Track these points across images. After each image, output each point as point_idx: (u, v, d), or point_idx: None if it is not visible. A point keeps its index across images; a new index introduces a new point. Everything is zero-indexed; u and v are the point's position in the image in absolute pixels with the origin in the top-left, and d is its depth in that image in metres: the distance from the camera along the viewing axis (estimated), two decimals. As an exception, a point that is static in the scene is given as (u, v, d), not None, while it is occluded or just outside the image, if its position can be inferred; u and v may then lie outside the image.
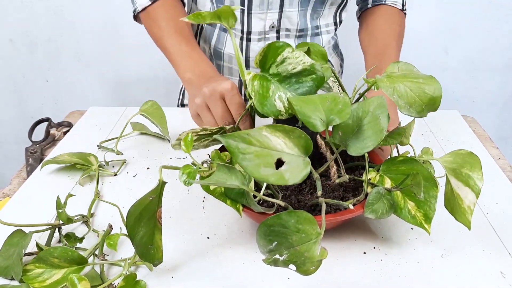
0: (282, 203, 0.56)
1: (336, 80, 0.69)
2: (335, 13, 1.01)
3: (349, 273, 0.59)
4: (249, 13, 0.93)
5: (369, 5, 1.02)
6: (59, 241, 0.64)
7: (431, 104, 0.59)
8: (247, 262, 0.60)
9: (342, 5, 1.01)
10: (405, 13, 1.02)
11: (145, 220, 0.54)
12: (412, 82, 0.59)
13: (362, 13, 1.04)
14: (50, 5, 1.70)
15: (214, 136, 0.63)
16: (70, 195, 0.67)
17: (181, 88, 1.19)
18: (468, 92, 1.85)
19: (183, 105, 1.18)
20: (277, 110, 0.57)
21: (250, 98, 0.60)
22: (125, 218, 0.52)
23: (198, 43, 1.05)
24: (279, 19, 0.95)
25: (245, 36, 0.97)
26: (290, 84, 0.58)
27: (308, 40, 1.00)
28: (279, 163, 0.48)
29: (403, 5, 1.01)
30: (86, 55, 1.81)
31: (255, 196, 0.56)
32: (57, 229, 0.64)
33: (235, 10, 0.59)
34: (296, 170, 0.49)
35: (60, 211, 0.62)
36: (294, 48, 0.58)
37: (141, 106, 0.87)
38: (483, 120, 1.10)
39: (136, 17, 0.98)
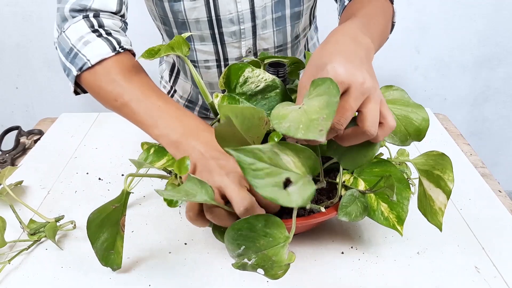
0: None
1: None
2: (310, 13, 0.97)
3: (327, 274, 0.59)
4: (222, 44, 0.89)
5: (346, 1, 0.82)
6: None
7: (416, 135, 0.58)
8: (225, 267, 0.60)
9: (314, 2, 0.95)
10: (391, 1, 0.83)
11: (107, 227, 0.54)
12: (400, 110, 0.58)
13: (344, 9, 0.81)
14: (18, 10, 1.66)
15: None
16: None
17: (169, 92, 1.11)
18: (439, 90, 1.89)
19: None
20: None
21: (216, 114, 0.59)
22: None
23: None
24: (254, 44, 0.90)
25: (222, 63, 0.93)
26: (257, 101, 0.58)
27: (289, 51, 0.97)
28: (287, 182, 0.45)
29: None
30: (57, 60, 1.76)
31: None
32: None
33: (185, 37, 0.59)
34: (303, 191, 0.45)
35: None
36: (253, 68, 0.58)
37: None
38: (455, 117, 1.12)
39: (78, 78, 0.78)
